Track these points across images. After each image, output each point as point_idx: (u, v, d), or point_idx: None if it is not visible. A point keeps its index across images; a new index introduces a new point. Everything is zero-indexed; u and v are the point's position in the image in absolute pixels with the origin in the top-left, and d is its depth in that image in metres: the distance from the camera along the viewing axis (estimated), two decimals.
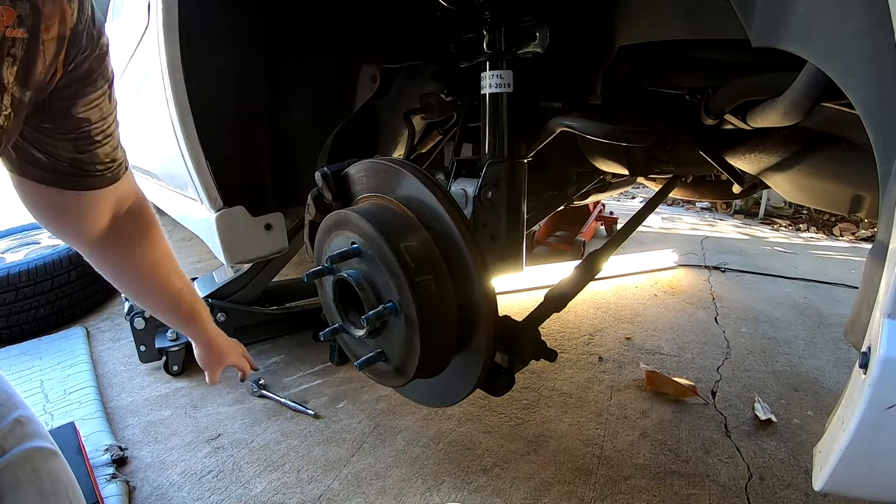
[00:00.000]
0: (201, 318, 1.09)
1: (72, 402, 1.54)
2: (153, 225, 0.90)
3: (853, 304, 0.47)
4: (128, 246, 0.87)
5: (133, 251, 0.88)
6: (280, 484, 1.25)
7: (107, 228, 0.81)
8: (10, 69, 0.53)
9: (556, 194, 1.56)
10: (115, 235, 0.83)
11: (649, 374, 1.69)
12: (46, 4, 0.53)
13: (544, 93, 1.05)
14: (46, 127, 0.64)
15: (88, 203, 0.75)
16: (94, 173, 0.71)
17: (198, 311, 1.07)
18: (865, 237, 4.15)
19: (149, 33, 0.97)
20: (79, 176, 0.70)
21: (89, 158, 0.69)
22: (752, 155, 1.11)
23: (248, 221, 1.06)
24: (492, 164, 0.87)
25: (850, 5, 0.47)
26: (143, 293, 0.97)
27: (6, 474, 0.66)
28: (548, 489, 1.24)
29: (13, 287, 1.92)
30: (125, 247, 0.87)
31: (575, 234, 3.18)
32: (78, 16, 0.58)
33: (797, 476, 1.30)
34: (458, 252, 0.69)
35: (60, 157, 0.67)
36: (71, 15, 0.57)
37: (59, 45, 0.57)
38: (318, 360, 1.83)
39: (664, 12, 0.78)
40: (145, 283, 0.94)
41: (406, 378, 0.75)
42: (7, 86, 0.53)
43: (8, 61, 0.52)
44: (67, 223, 0.79)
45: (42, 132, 0.64)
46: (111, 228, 0.82)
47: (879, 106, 0.46)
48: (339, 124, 1.11)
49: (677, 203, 5.32)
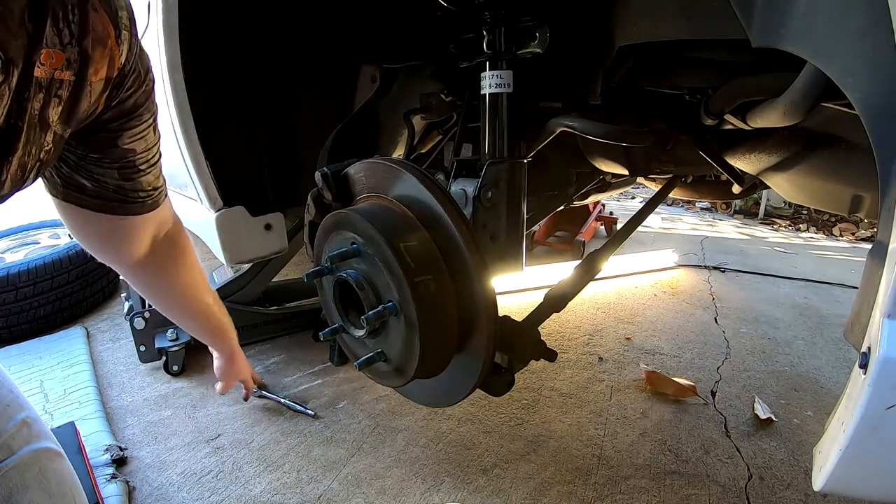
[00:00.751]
0: (229, 335, 1.18)
1: (72, 402, 1.54)
2: (188, 248, 0.95)
3: (853, 305, 0.47)
4: (164, 267, 0.92)
5: (169, 272, 0.93)
6: (280, 484, 1.25)
7: (146, 252, 0.85)
8: (55, 109, 0.54)
9: (556, 194, 1.56)
10: (153, 258, 0.88)
11: (649, 374, 1.69)
12: (96, 49, 0.54)
13: (544, 93, 1.05)
14: (93, 157, 0.66)
15: (130, 228, 0.78)
16: (137, 200, 0.74)
17: (226, 326, 1.16)
18: (865, 237, 4.15)
19: (149, 33, 0.97)
20: (122, 202, 0.72)
21: (133, 186, 0.72)
22: (752, 155, 1.11)
23: (248, 221, 1.06)
24: (492, 164, 0.87)
25: (850, 5, 0.47)
26: (177, 311, 1.04)
27: (14, 475, 0.66)
28: (548, 489, 1.24)
29: (13, 287, 1.92)
30: (162, 268, 0.91)
31: (575, 234, 3.18)
32: (126, 56, 0.59)
33: (797, 476, 1.30)
34: (458, 252, 0.69)
35: (106, 185, 0.69)
36: (119, 56, 0.58)
37: (106, 86, 0.59)
38: (317, 360, 1.83)
39: (664, 12, 0.78)
40: (180, 301, 1.01)
41: (406, 378, 0.75)
42: (51, 125, 0.55)
43: (54, 102, 0.53)
44: (110, 247, 0.82)
45: (89, 161, 0.66)
46: (150, 252, 0.86)
47: (879, 106, 0.46)
48: (339, 124, 1.12)
49: (677, 203, 5.32)
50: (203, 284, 1.03)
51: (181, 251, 0.93)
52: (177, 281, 0.96)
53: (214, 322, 1.11)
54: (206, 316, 1.08)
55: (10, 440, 0.68)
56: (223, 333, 1.16)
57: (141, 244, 0.83)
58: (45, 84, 0.51)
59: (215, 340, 1.17)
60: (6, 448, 0.67)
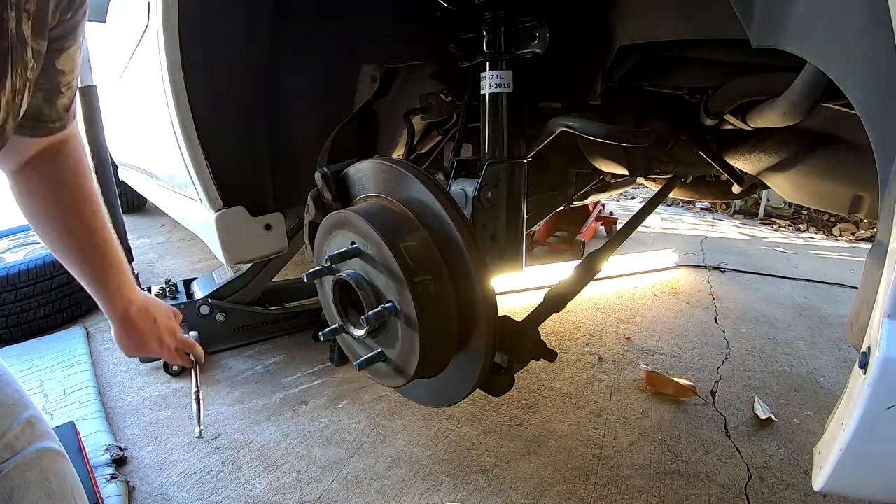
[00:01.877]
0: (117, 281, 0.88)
1: (72, 402, 1.54)
2: (82, 160, 0.83)
3: (853, 305, 0.47)
4: (55, 175, 0.80)
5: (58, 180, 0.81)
6: (280, 484, 1.25)
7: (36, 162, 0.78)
8: (27, 24, 0.54)
9: (556, 194, 1.56)
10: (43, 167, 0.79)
11: (649, 374, 1.69)
12: None
13: (544, 93, 1.04)
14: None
15: (29, 145, 0.74)
16: (49, 124, 0.71)
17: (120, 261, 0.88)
18: (865, 237, 4.15)
19: (149, 33, 0.97)
20: (35, 126, 0.70)
21: (49, 109, 0.70)
22: (752, 155, 1.11)
23: (248, 221, 1.06)
24: (491, 165, 0.87)
25: (850, 5, 0.47)
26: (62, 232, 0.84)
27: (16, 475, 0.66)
28: (547, 489, 1.24)
29: (13, 287, 1.92)
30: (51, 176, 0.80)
31: (575, 234, 3.18)
32: None
33: (797, 476, 1.30)
34: (458, 252, 0.69)
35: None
36: None
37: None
38: (317, 360, 1.83)
39: (664, 12, 0.78)
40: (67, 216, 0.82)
41: (406, 378, 0.75)
42: (28, 40, 0.55)
43: (24, 17, 0.54)
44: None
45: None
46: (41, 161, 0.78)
47: (879, 106, 0.46)
48: (339, 124, 1.11)
49: (677, 203, 5.32)
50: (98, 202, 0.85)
51: (76, 161, 0.82)
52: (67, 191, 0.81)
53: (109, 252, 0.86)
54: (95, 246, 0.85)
55: (13, 440, 0.68)
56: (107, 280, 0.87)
57: (30, 152, 0.76)
58: (14, 1, 0.52)
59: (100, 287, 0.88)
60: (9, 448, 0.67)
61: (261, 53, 0.98)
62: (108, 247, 0.87)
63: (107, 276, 0.87)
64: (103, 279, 0.87)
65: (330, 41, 1.04)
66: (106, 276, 0.87)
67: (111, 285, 0.88)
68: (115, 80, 1.69)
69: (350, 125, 1.18)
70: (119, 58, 1.50)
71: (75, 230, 0.83)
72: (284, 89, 1.03)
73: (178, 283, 2.01)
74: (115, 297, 0.89)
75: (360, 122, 1.31)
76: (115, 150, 2.36)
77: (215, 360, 1.83)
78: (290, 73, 1.03)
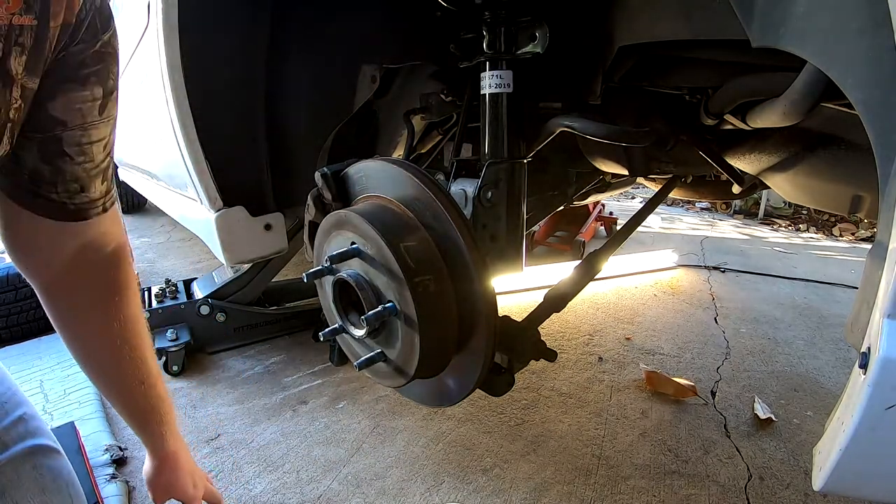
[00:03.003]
0: (167, 425, 0.86)
1: (71, 402, 1.54)
2: (130, 282, 0.74)
3: (853, 305, 0.47)
4: (93, 296, 0.72)
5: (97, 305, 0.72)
6: (280, 484, 1.25)
7: (68, 269, 0.68)
8: (18, 59, 0.48)
9: (556, 194, 1.56)
10: (79, 280, 0.70)
11: (649, 374, 1.69)
12: None
13: (544, 93, 1.04)
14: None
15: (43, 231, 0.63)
16: (51, 196, 0.60)
17: (165, 410, 0.86)
18: (865, 237, 4.16)
19: (149, 33, 0.97)
20: (34, 193, 0.59)
21: (52, 175, 0.58)
22: (752, 155, 1.11)
23: (248, 221, 1.06)
24: (491, 165, 0.87)
25: (850, 5, 0.47)
26: (102, 367, 0.77)
27: (8, 470, 0.66)
28: (547, 489, 1.24)
29: (13, 287, 1.92)
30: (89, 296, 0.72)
31: (575, 234, 3.18)
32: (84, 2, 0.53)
33: (797, 476, 1.30)
34: (458, 252, 0.69)
35: (23, 163, 0.57)
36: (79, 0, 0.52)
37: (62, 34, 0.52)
38: (317, 360, 1.83)
39: (664, 12, 0.78)
40: (108, 351, 0.75)
41: (406, 378, 0.75)
42: (16, 77, 0.49)
43: (16, 51, 0.47)
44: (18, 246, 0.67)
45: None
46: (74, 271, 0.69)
47: (879, 106, 0.46)
48: (339, 124, 1.11)
49: (677, 203, 5.32)
50: (147, 341, 0.79)
51: (121, 283, 0.73)
52: (108, 321, 0.73)
53: (152, 396, 0.81)
54: (142, 383, 0.79)
55: (4, 436, 0.67)
56: (159, 418, 0.84)
57: (59, 256, 0.67)
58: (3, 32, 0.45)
59: (147, 425, 0.84)
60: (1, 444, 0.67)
61: (261, 54, 0.98)
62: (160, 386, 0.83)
63: (158, 411, 0.84)
64: (152, 414, 0.83)
65: (330, 41, 1.04)
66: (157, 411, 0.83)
67: (160, 424, 0.85)
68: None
69: (350, 125, 1.18)
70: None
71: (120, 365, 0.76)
72: (284, 89, 1.03)
73: (178, 283, 2.01)
74: (166, 433, 0.86)
75: (360, 123, 1.31)
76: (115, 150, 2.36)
77: (215, 360, 1.83)
78: (289, 73, 1.03)
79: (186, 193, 1.18)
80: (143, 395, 0.81)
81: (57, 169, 0.59)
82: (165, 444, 0.87)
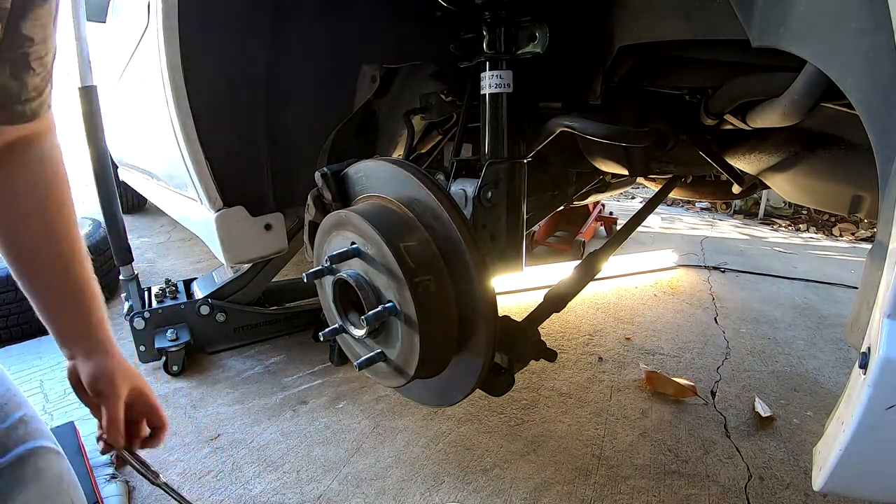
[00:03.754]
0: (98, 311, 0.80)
1: (71, 402, 1.54)
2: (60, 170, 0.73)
3: (853, 305, 0.47)
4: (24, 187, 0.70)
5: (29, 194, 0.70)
6: (280, 484, 1.25)
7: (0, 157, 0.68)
8: None
9: (556, 194, 1.56)
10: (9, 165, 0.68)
11: (649, 374, 1.69)
12: None
13: (544, 93, 1.04)
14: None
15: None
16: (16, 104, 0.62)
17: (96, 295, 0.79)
18: (865, 237, 4.16)
19: (149, 33, 0.97)
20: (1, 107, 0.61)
21: (18, 88, 0.61)
22: (752, 155, 1.11)
23: (248, 221, 1.06)
24: (491, 165, 0.87)
25: (850, 5, 0.47)
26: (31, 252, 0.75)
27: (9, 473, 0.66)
28: (547, 489, 1.24)
29: (13, 287, 1.92)
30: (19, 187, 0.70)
31: (575, 234, 3.18)
32: None
33: (797, 476, 1.30)
34: (458, 252, 0.69)
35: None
36: None
37: None
38: (317, 360, 1.83)
39: (664, 12, 0.78)
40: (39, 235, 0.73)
41: (406, 378, 0.75)
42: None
43: None
44: None
45: None
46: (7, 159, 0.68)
47: (879, 106, 0.46)
48: (339, 124, 1.11)
49: (677, 203, 5.32)
50: (74, 219, 0.74)
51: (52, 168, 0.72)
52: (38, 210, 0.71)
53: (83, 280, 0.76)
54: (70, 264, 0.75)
55: (5, 438, 0.67)
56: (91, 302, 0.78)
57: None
58: None
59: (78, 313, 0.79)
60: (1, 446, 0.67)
61: (261, 54, 0.98)
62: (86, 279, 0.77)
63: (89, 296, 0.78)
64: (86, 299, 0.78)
65: (330, 41, 1.04)
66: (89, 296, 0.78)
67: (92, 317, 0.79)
68: (116, 80, 1.69)
69: (350, 125, 1.18)
70: (119, 58, 1.50)
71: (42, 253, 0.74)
72: (284, 89, 1.03)
73: (178, 283, 2.01)
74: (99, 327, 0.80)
75: (360, 122, 1.31)
76: (115, 150, 2.36)
77: (215, 360, 1.83)
78: (289, 73, 1.03)
79: (186, 193, 1.18)
80: (82, 271, 0.77)
81: (24, 82, 0.61)
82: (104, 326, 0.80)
